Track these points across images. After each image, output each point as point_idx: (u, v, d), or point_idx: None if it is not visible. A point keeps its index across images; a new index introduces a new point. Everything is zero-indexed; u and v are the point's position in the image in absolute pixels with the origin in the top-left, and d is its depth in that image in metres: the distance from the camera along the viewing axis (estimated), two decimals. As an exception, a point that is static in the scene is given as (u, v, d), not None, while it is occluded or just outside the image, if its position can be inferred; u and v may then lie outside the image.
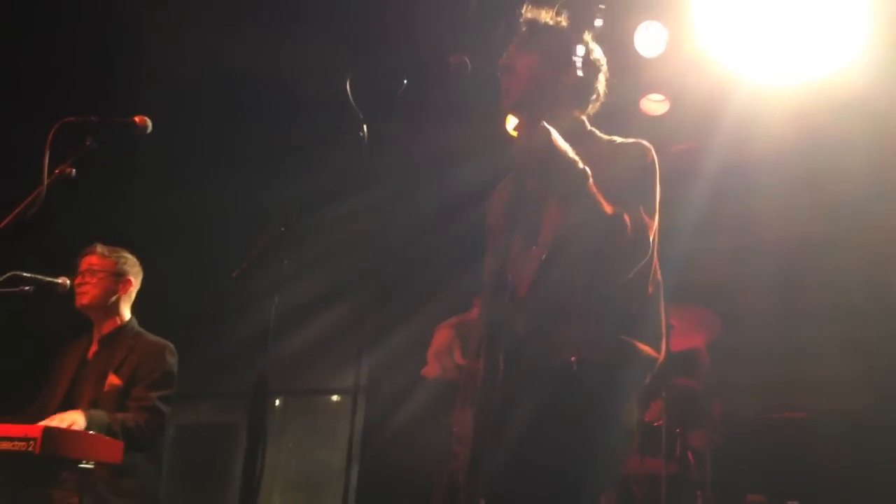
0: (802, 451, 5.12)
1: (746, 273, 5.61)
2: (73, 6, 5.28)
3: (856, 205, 5.32)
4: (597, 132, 2.66)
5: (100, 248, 4.20)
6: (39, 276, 3.64)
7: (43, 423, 3.34)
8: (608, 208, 2.30)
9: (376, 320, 7.37)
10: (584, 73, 2.59)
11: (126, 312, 4.22)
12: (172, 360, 4.10)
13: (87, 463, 3.24)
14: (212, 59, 5.30)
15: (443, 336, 2.54)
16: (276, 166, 5.33)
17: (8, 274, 3.35)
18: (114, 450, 3.37)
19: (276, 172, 5.19)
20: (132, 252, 4.32)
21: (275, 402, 8.09)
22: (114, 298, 4.17)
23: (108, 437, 3.43)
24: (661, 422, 4.88)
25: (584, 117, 2.67)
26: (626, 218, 2.32)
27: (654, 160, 2.53)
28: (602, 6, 2.38)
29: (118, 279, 4.18)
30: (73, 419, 3.47)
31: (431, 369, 2.52)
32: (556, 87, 2.58)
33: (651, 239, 2.41)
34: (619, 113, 2.94)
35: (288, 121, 5.55)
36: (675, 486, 4.88)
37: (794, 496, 4.73)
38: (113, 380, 3.94)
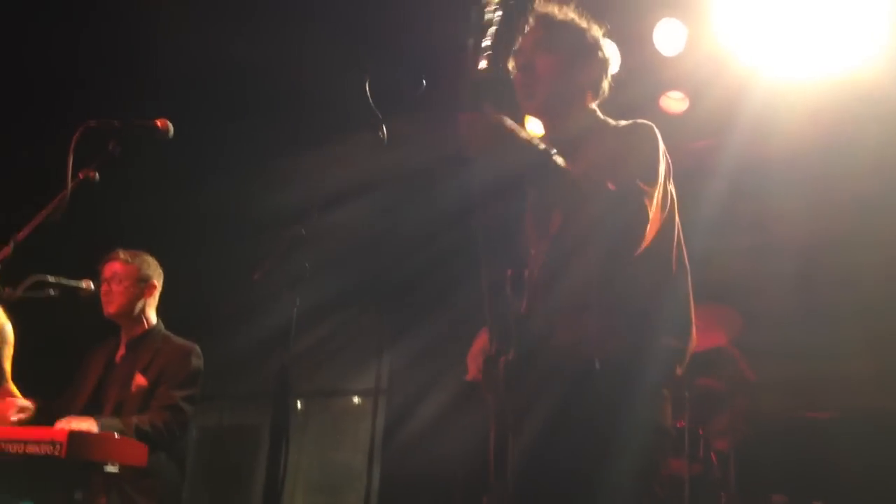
0: (826, 451, 5.07)
1: (766, 271, 5.57)
2: (83, 9, 5.29)
3: (875, 201, 5.28)
4: (609, 121, 2.63)
5: (122, 254, 4.21)
6: (63, 280, 3.66)
7: (57, 425, 3.36)
8: (586, 181, 2.27)
9: (396, 321, 7.39)
10: (598, 69, 2.63)
11: (152, 315, 4.24)
12: (198, 362, 4.11)
13: (112, 466, 3.25)
14: (226, 57, 5.32)
15: (481, 340, 2.53)
16: (294, 166, 5.33)
17: (32, 278, 3.37)
18: (139, 452, 3.38)
19: (293, 172, 5.20)
20: (152, 254, 4.33)
21: (296, 404, 8.12)
22: (140, 304, 4.19)
23: (132, 440, 3.45)
24: (683, 423, 4.87)
25: (594, 106, 2.66)
26: (609, 185, 2.26)
27: (647, 134, 2.47)
28: None
29: (143, 284, 4.19)
30: (86, 426, 3.49)
31: (470, 372, 2.53)
32: (576, 87, 2.61)
33: (647, 204, 2.30)
34: (639, 110, 2.93)
35: (305, 120, 5.55)
36: (699, 487, 4.86)
37: (818, 497, 4.70)
38: (139, 380, 3.96)
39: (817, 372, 5.33)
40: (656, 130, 2.50)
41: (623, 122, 2.58)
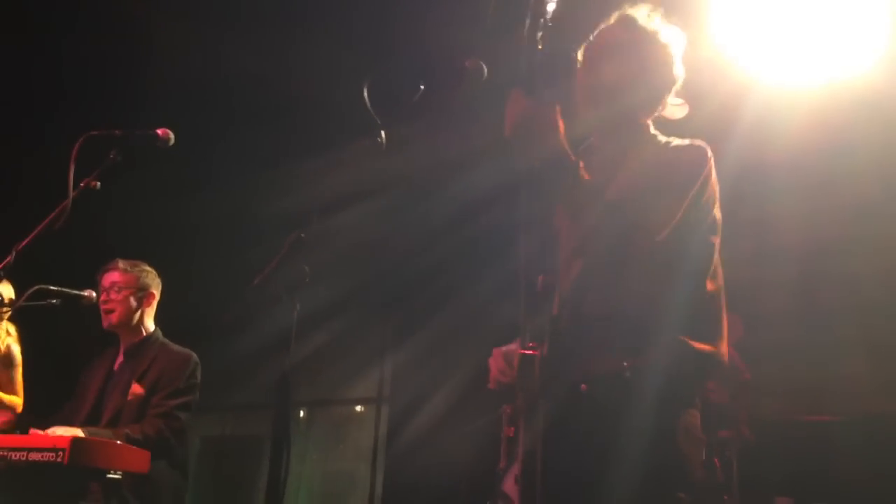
0: (827, 454, 5.08)
1: (766, 276, 5.59)
2: (85, 19, 5.31)
3: (875, 206, 5.30)
4: (658, 136, 2.56)
5: (121, 263, 4.22)
6: (65, 290, 3.68)
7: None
8: (622, 201, 2.27)
9: (397, 329, 7.40)
10: (660, 86, 2.55)
11: (150, 324, 4.25)
12: (195, 369, 4.11)
13: (114, 473, 3.26)
14: (224, 64, 5.34)
15: (503, 349, 2.51)
16: (293, 172, 5.35)
17: (35, 288, 3.38)
18: (141, 459, 3.40)
19: (293, 179, 5.21)
20: (150, 263, 4.34)
21: (299, 413, 8.13)
22: (139, 313, 4.20)
23: (135, 447, 3.46)
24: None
25: (648, 121, 2.57)
26: (643, 206, 2.27)
27: (702, 162, 2.41)
28: None
29: (142, 293, 4.20)
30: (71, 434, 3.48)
31: (492, 374, 2.51)
32: (638, 100, 2.53)
33: (657, 243, 2.27)
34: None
35: (303, 127, 5.55)
36: (702, 492, 4.84)
37: (821, 499, 4.70)
38: (136, 389, 3.97)
39: (818, 376, 5.35)
40: (706, 152, 2.44)
41: (676, 142, 2.50)
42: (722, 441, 5.03)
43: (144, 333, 4.21)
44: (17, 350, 5.20)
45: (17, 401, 5.18)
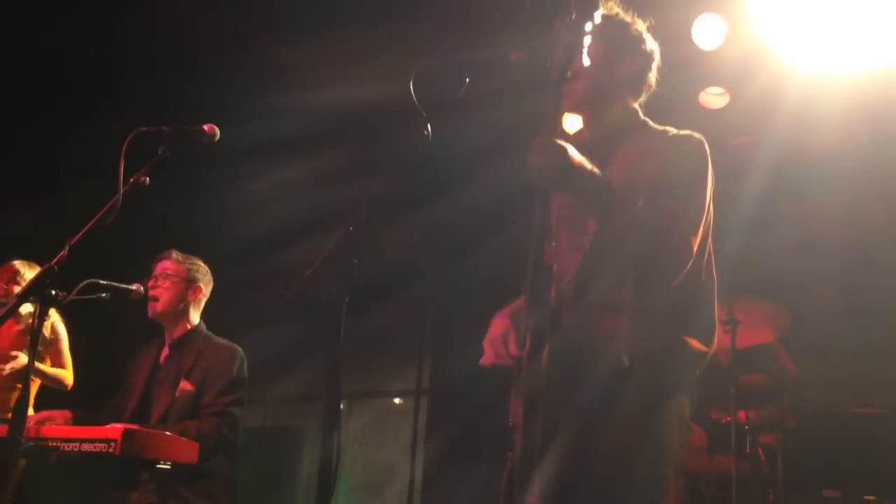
0: (873, 446, 5.01)
1: (810, 267, 5.53)
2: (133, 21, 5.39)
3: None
4: (649, 122, 2.63)
5: (175, 253, 4.31)
6: (115, 284, 3.74)
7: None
8: (624, 185, 2.32)
9: (437, 321, 7.41)
10: (639, 64, 2.63)
11: (195, 318, 4.31)
12: (241, 365, 4.16)
13: (164, 463, 3.32)
14: (266, 57, 5.38)
15: (498, 325, 2.51)
16: (342, 165, 5.37)
17: (85, 282, 3.44)
18: (190, 450, 3.45)
19: (339, 171, 5.23)
20: (203, 259, 4.41)
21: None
22: (183, 304, 4.26)
23: (184, 438, 3.51)
24: (729, 419, 4.83)
25: (636, 106, 2.66)
26: (649, 191, 2.32)
27: (706, 155, 2.49)
28: None
29: (189, 285, 4.27)
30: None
31: (487, 358, 2.52)
32: (616, 82, 2.61)
33: (693, 244, 2.38)
34: (678, 107, 2.94)
35: (349, 118, 5.56)
36: (746, 485, 4.82)
37: (868, 491, 4.65)
38: (185, 385, 4.02)
39: (864, 367, 5.28)
40: (706, 146, 2.50)
41: (673, 131, 2.56)
42: (764, 430, 5.01)
43: (189, 326, 4.26)
44: (61, 327, 5.25)
45: (65, 374, 5.22)
